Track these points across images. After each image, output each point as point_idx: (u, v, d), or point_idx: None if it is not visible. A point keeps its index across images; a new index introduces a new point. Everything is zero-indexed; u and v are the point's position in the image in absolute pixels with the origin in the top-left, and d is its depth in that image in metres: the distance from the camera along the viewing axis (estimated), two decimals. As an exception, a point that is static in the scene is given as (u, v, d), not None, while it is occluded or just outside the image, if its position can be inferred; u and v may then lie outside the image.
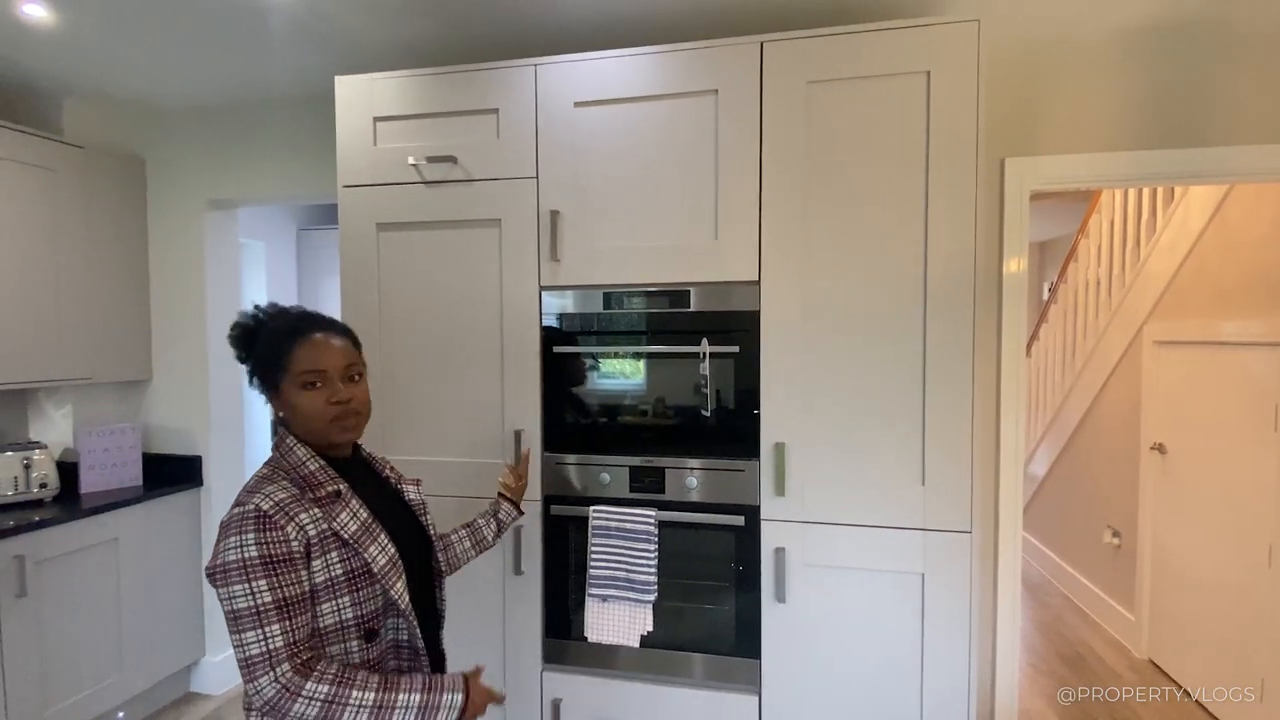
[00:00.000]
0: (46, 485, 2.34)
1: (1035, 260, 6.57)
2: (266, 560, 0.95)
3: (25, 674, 2.08)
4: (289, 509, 1.00)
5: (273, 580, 0.95)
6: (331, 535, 1.03)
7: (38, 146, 2.32)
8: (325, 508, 1.04)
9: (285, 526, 0.98)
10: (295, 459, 1.08)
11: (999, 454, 2.01)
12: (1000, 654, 2.01)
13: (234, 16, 1.89)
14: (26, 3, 1.79)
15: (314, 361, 1.09)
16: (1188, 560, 2.74)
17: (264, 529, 0.96)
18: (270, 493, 1.00)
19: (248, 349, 1.13)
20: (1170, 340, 2.88)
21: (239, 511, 0.98)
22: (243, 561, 0.95)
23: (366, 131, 1.82)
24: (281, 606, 0.95)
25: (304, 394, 1.08)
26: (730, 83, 1.59)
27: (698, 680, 1.68)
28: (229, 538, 0.97)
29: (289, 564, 0.97)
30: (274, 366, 1.09)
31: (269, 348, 1.10)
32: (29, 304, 2.30)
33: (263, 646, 0.94)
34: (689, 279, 1.64)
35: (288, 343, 1.10)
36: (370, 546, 1.06)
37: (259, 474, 1.07)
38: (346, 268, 1.85)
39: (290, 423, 1.11)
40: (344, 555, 1.04)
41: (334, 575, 1.02)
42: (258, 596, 0.94)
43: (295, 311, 1.17)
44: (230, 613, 0.95)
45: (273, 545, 0.96)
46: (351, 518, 1.06)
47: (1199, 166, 1.91)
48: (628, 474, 1.70)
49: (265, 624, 0.94)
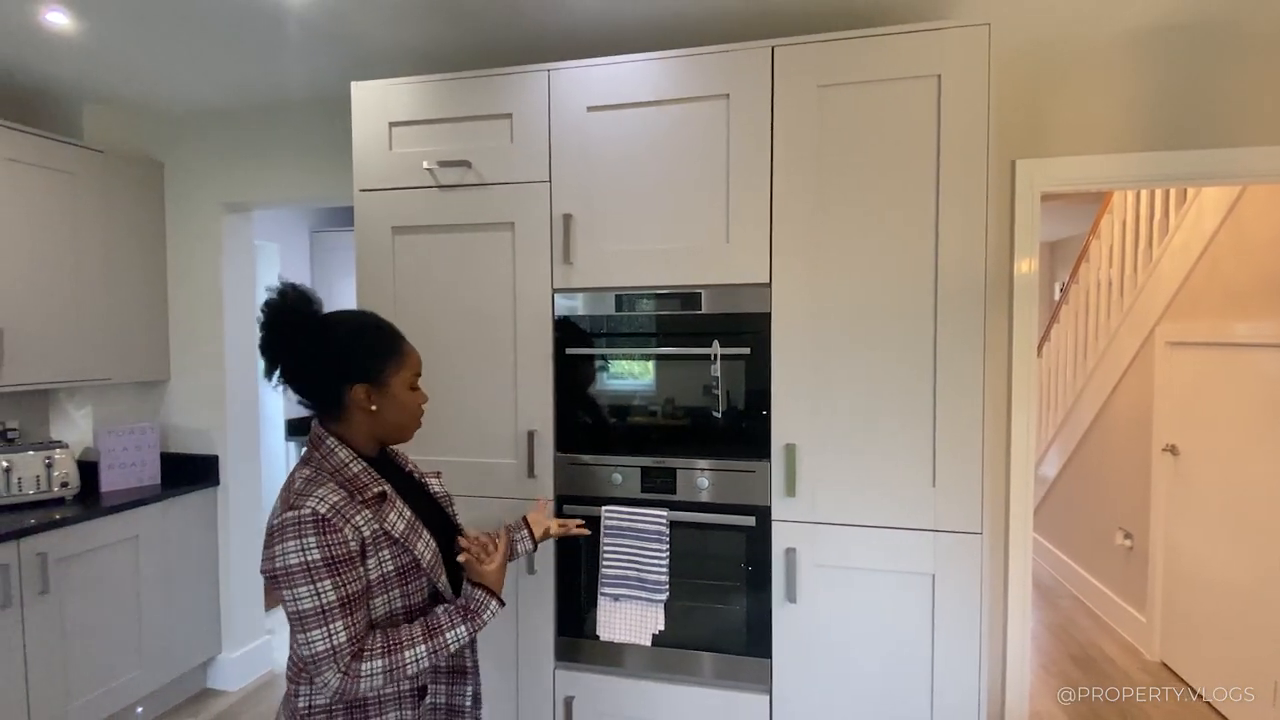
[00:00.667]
0: (68, 484, 2.38)
1: (1046, 260, 6.54)
2: (329, 562, 0.99)
3: (48, 669, 2.12)
4: (344, 511, 1.03)
5: (335, 580, 0.99)
6: (383, 534, 1.07)
7: (58, 151, 2.36)
8: (373, 509, 1.08)
9: (343, 528, 1.01)
10: (338, 461, 1.10)
11: (1009, 455, 2.01)
12: (1010, 654, 2.01)
13: (250, 23, 1.92)
14: (49, 11, 1.83)
15: (418, 366, 1.19)
16: (1200, 562, 2.73)
17: (323, 531, 0.99)
18: (323, 496, 1.02)
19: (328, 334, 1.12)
20: (1183, 341, 2.86)
21: (294, 515, 1.00)
22: (306, 564, 0.98)
23: (382, 136, 1.84)
24: (344, 604, 1.00)
25: (412, 393, 1.17)
26: (741, 87, 1.61)
27: (709, 679, 1.70)
28: (288, 541, 0.99)
29: (349, 564, 1.02)
30: (389, 357, 1.13)
31: (383, 339, 1.15)
32: (50, 305, 2.34)
33: (328, 643, 0.98)
34: (700, 281, 1.66)
35: (400, 342, 1.17)
36: (417, 543, 1.11)
37: (303, 475, 1.07)
38: (362, 270, 1.88)
39: (375, 415, 1.13)
40: (394, 552, 1.08)
41: (386, 571, 1.07)
42: (322, 596, 0.98)
43: (368, 311, 1.21)
44: (295, 613, 0.99)
45: (333, 547, 1.00)
46: (399, 517, 1.10)
47: (1210, 168, 1.90)
48: (639, 474, 1.72)
49: (330, 621, 0.98)
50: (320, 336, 1.11)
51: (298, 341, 1.11)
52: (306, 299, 1.13)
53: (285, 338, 1.11)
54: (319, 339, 1.11)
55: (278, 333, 1.10)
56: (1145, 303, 3.17)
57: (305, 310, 1.12)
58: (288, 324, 1.11)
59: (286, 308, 1.11)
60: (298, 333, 1.11)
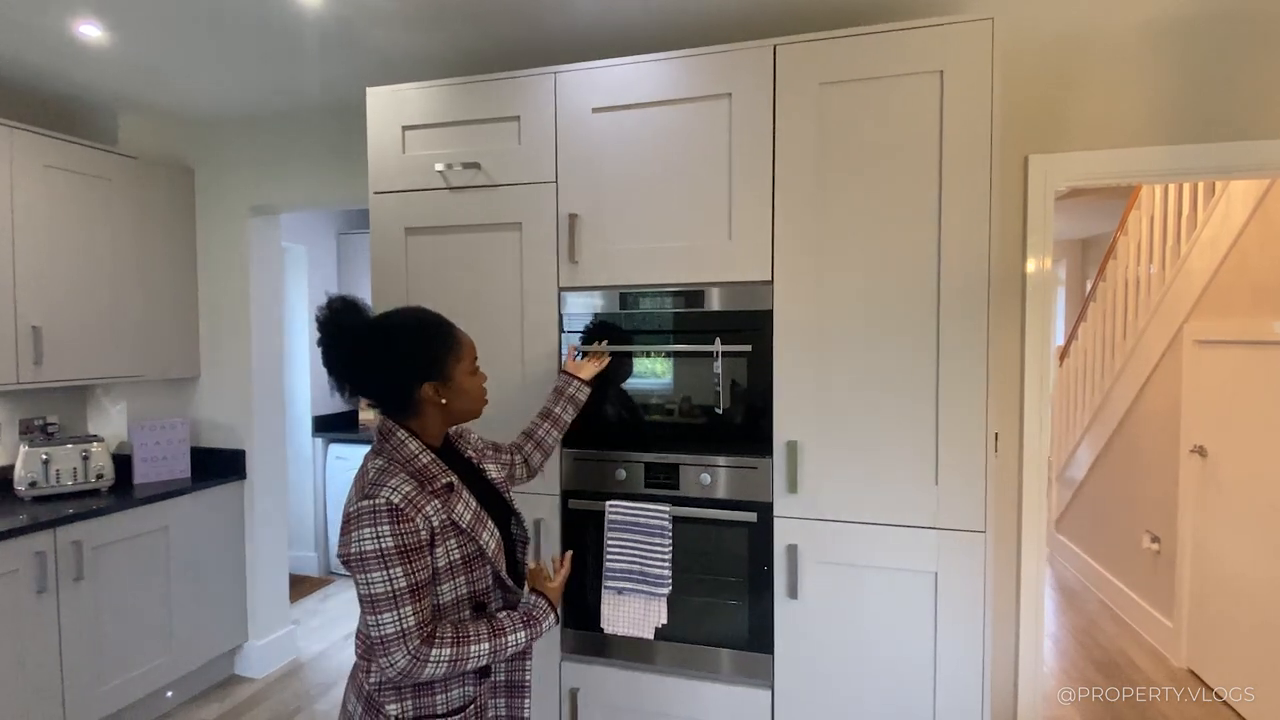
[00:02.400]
0: (103, 476, 2.49)
1: (1077, 258, 6.40)
2: (401, 550, 1.04)
3: (82, 652, 2.22)
4: (416, 501, 1.08)
5: (407, 567, 1.04)
6: (450, 524, 1.12)
7: (95, 158, 2.47)
8: (442, 499, 1.12)
9: (415, 518, 1.06)
10: (408, 452, 1.14)
11: (1022, 454, 1.99)
12: (1023, 656, 1.99)
13: (271, 33, 1.99)
14: (82, 23, 1.92)
15: (474, 350, 1.25)
16: (1229, 567, 2.65)
17: (397, 521, 1.04)
18: (396, 486, 1.07)
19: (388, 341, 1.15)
20: (1211, 340, 2.78)
21: (370, 505, 1.04)
22: (380, 551, 1.03)
23: (395, 140, 1.89)
24: (414, 590, 1.05)
25: (473, 377, 1.23)
26: (743, 86, 1.62)
27: (711, 673, 1.71)
28: (364, 529, 1.04)
29: (419, 552, 1.06)
30: (450, 351, 1.18)
31: (440, 335, 1.19)
32: (87, 306, 2.45)
33: (398, 626, 1.03)
34: (704, 279, 1.67)
35: (455, 331, 1.22)
36: (483, 533, 1.17)
37: (376, 466, 1.11)
38: (377, 270, 1.93)
39: (445, 408, 1.18)
40: (461, 541, 1.13)
41: (453, 559, 1.12)
42: (394, 582, 1.03)
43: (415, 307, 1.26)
44: (368, 596, 1.04)
45: (406, 536, 1.05)
46: (465, 508, 1.15)
47: (1235, 161, 1.86)
48: (643, 470, 1.74)
49: (400, 606, 1.03)
50: (380, 343, 1.14)
51: (359, 352, 1.13)
52: (356, 308, 1.16)
53: (345, 350, 1.13)
54: (379, 346, 1.14)
55: (337, 347, 1.13)
56: (1173, 300, 3.09)
57: (358, 320, 1.16)
58: (344, 336, 1.13)
59: (338, 321, 1.14)
60: (357, 343, 1.14)
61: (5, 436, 2.54)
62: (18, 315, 2.24)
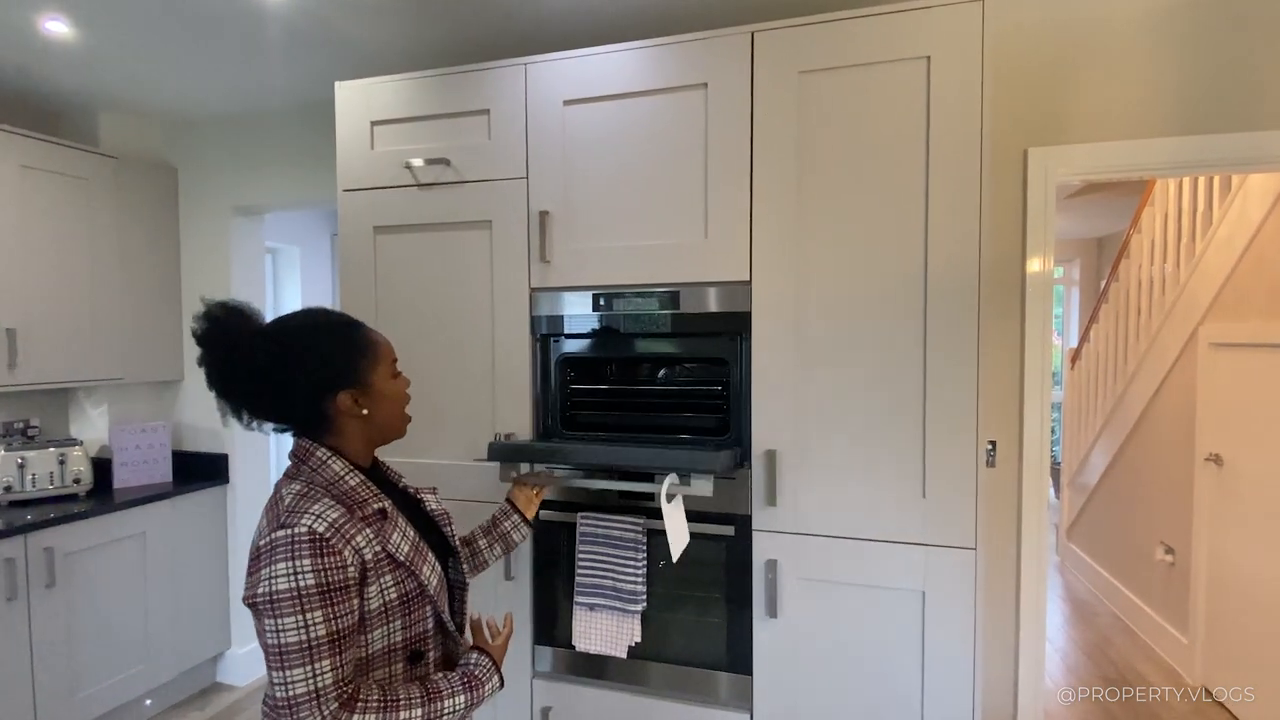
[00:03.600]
0: (80, 480, 2.45)
1: (1092, 258, 6.23)
2: (323, 589, 0.86)
3: (54, 660, 2.18)
4: (344, 530, 0.91)
5: (328, 611, 0.87)
6: (385, 558, 0.95)
7: (73, 157, 2.43)
8: (374, 527, 0.96)
9: (342, 550, 0.89)
10: (330, 473, 0.97)
11: (1022, 464, 1.88)
12: (1023, 677, 1.88)
13: (240, 27, 1.93)
14: (48, 19, 1.87)
15: (393, 351, 1.07)
16: (1246, 580, 2.52)
17: (320, 554, 0.87)
18: (320, 513, 0.90)
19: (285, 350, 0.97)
20: (1227, 342, 2.66)
21: (286, 535, 0.88)
22: (296, 591, 0.85)
23: (364, 135, 1.83)
24: (334, 640, 0.87)
25: (394, 381, 1.06)
26: (720, 76, 1.53)
27: (688, 695, 1.63)
28: (277, 564, 0.86)
29: (344, 593, 0.89)
30: (362, 354, 1.02)
31: (347, 336, 1.02)
32: (67, 308, 2.42)
33: (310, 685, 0.85)
34: (679, 279, 1.59)
35: (365, 331, 1.05)
36: (423, 567, 1.00)
37: (293, 491, 0.95)
38: (345, 270, 1.87)
39: (368, 419, 1.02)
40: (398, 578, 0.97)
41: (388, 599, 0.95)
42: (311, 630, 0.85)
43: (314, 308, 1.08)
44: (275, 646, 0.85)
45: (330, 572, 0.87)
46: (402, 538, 0.99)
47: (1250, 152, 1.75)
48: (617, 480, 1.66)
49: (316, 660, 0.86)
50: (278, 354, 0.96)
51: (253, 368, 0.95)
52: (242, 314, 0.98)
53: (235, 366, 0.95)
54: (278, 357, 0.96)
55: (225, 364, 0.95)
56: (1187, 301, 2.96)
57: (247, 328, 0.97)
58: (234, 349, 0.95)
59: (225, 330, 0.96)
60: (251, 355, 0.95)
61: (-16, 440, 2.51)
62: (-10, 317, 2.20)
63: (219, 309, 0.98)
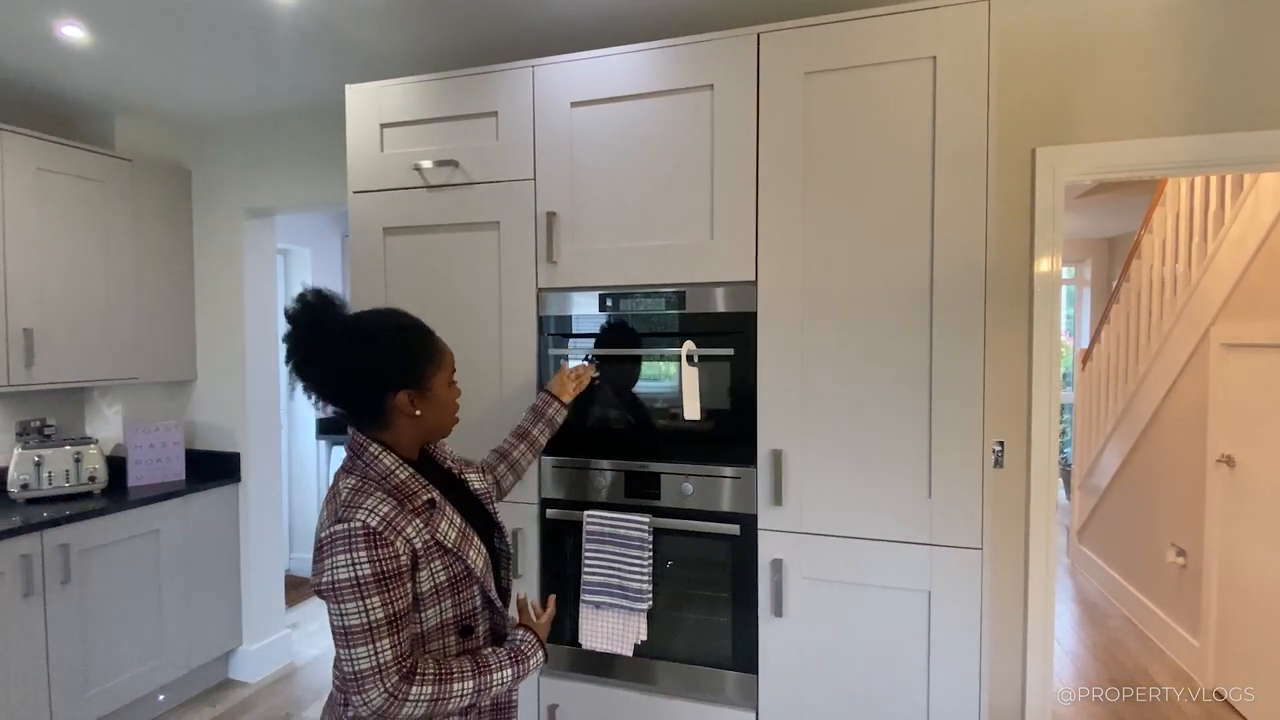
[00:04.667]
0: (95, 478, 2.48)
1: (1104, 258, 6.18)
2: (379, 577, 0.96)
3: (69, 655, 2.21)
4: (395, 523, 0.99)
5: (385, 596, 0.96)
6: (435, 545, 1.04)
7: (88, 160, 2.47)
8: (423, 517, 1.04)
9: (394, 542, 0.98)
10: (382, 468, 1.05)
11: (1030, 464, 1.88)
12: (1031, 679, 1.88)
13: (251, 32, 1.96)
14: (64, 24, 1.90)
15: (453, 361, 1.18)
16: (1259, 583, 2.50)
17: (375, 546, 0.96)
18: (373, 507, 0.99)
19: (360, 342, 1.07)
20: (1240, 343, 2.63)
21: (344, 529, 0.97)
22: (355, 580, 0.95)
23: (374, 138, 1.85)
24: (392, 621, 0.97)
25: (450, 389, 1.16)
26: (726, 77, 1.54)
27: (693, 693, 1.63)
28: (337, 555, 0.96)
29: (398, 579, 0.98)
30: (429, 360, 1.11)
31: (419, 340, 1.12)
32: (82, 308, 2.45)
33: (373, 660, 0.95)
34: (685, 280, 1.60)
35: (436, 340, 1.14)
36: (470, 551, 1.08)
37: (349, 485, 1.03)
38: (356, 271, 1.89)
39: (419, 420, 1.10)
40: (446, 562, 1.05)
41: (438, 582, 1.04)
42: (371, 613, 0.95)
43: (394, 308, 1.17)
44: (341, 628, 0.96)
45: (384, 562, 0.96)
46: (450, 526, 1.07)
47: (1261, 151, 1.75)
48: (623, 479, 1.67)
49: (376, 639, 0.95)
50: (353, 344, 1.05)
51: (329, 352, 1.04)
52: (331, 303, 1.07)
53: (314, 350, 1.04)
54: (352, 347, 1.05)
55: (306, 345, 1.04)
56: (1199, 301, 2.93)
57: (332, 316, 1.06)
58: (315, 334, 1.04)
59: (310, 316, 1.05)
60: (327, 342, 1.04)
61: (2, 438, 2.55)
62: (8, 318, 2.23)
63: (313, 294, 1.07)
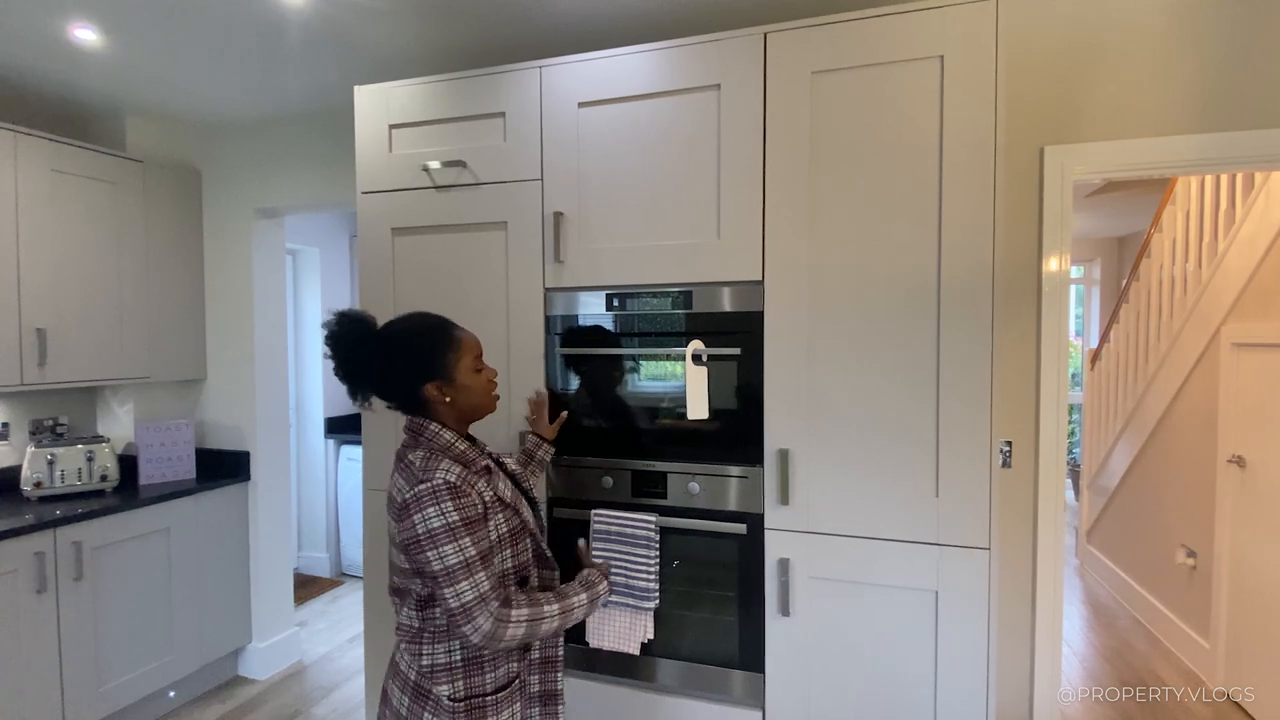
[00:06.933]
0: (107, 477, 2.51)
1: (1113, 257, 6.15)
2: (466, 522, 1.12)
3: (81, 651, 2.23)
4: (468, 480, 1.17)
5: (473, 536, 1.12)
6: (497, 500, 1.22)
7: (100, 162, 2.49)
8: (484, 479, 1.22)
9: (470, 494, 1.15)
10: (444, 441, 1.22)
11: (1038, 464, 1.87)
12: (1039, 679, 1.87)
13: (261, 33, 1.97)
14: (78, 28, 1.92)
15: (477, 347, 1.29)
16: (1269, 584, 2.48)
17: (457, 496, 1.13)
18: (448, 468, 1.15)
19: (388, 348, 1.23)
20: (1250, 342, 2.61)
21: (428, 486, 1.12)
22: (448, 525, 1.11)
23: (382, 139, 1.86)
24: (484, 556, 1.14)
25: (477, 375, 1.27)
26: (733, 77, 1.54)
27: (700, 692, 1.64)
28: (427, 509, 1.11)
29: (481, 522, 1.15)
30: (448, 352, 1.24)
31: (437, 337, 1.25)
32: (93, 308, 2.48)
33: (476, 591, 1.11)
34: (691, 279, 1.60)
35: (453, 331, 1.27)
36: (523, 508, 1.28)
37: (419, 456, 1.18)
38: (364, 271, 1.90)
39: (452, 405, 1.24)
40: (506, 516, 1.23)
41: (500, 534, 1.21)
42: (465, 552, 1.11)
43: (417, 312, 1.31)
44: (443, 570, 1.11)
45: (467, 509, 1.13)
46: (506, 487, 1.26)
47: (1272, 149, 1.74)
48: (630, 478, 1.67)
49: (474, 573, 1.11)
50: (383, 351, 1.22)
51: (365, 360, 1.22)
52: (359, 320, 1.24)
53: (353, 360, 1.22)
54: (382, 353, 1.22)
55: (345, 357, 1.22)
56: (1210, 301, 2.91)
57: (362, 330, 1.23)
58: (351, 346, 1.22)
59: (345, 331, 1.22)
60: (362, 352, 1.22)
61: (16, 437, 2.58)
62: (22, 317, 2.26)
63: (341, 315, 1.23)
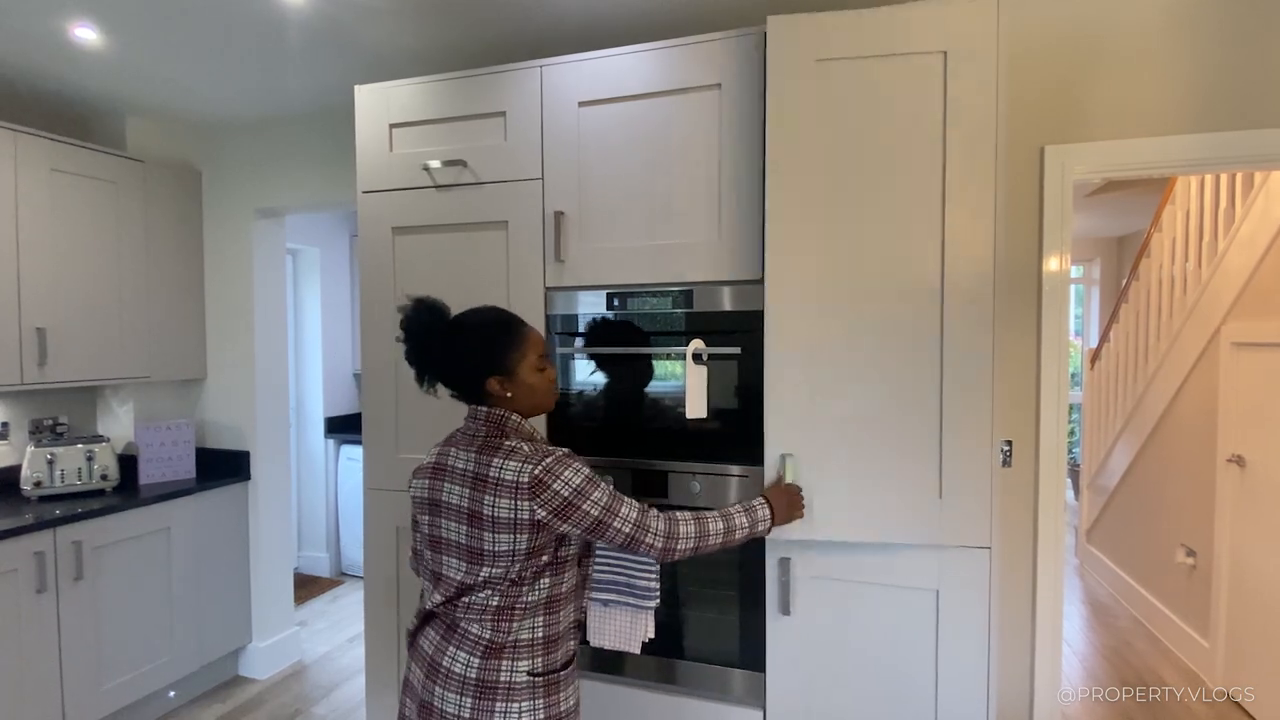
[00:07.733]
0: (107, 476, 2.51)
1: (1113, 256, 6.15)
2: (593, 473, 1.21)
3: (81, 651, 2.23)
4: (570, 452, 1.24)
5: (604, 482, 1.22)
6: None
7: (101, 161, 2.49)
8: None
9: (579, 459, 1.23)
10: (528, 430, 1.28)
11: (1039, 463, 1.87)
12: (1039, 678, 1.87)
13: (261, 33, 1.97)
14: (78, 26, 1.92)
15: (541, 345, 1.31)
16: (1269, 583, 2.48)
17: (575, 459, 1.21)
18: (551, 446, 1.23)
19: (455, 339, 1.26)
20: (1250, 342, 2.62)
21: (554, 458, 1.18)
22: (587, 477, 1.19)
23: (383, 138, 1.86)
24: (620, 493, 1.23)
25: (539, 373, 1.29)
26: (733, 75, 1.54)
27: (701, 692, 1.64)
28: (564, 471, 1.17)
29: None
30: (511, 349, 1.26)
31: (503, 333, 1.27)
32: (96, 308, 2.48)
33: (635, 511, 1.21)
34: (692, 279, 1.60)
35: (521, 329, 1.29)
36: None
37: (516, 443, 1.22)
38: (365, 271, 1.90)
39: (512, 400, 1.27)
40: None
41: None
42: (609, 489, 1.21)
43: (490, 306, 1.35)
44: (602, 509, 1.18)
45: (587, 467, 1.21)
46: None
47: (1272, 149, 1.74)
48: (631, 477, 1.67)
49: (626, 500, 1.22)
50: (452, 341, 1.25)
51: (435, 347, 1.25)
52: (433, 308, 1.26)
53: (424, 346, 1.26)
54: (451, 343, 1.25)
55: (418, 343, 1.26)
56: (1209, 300, 2.91)
57: (436, 319, 1.26)
58: (424, 334, 1.25)
59: (420, 319, 1.25)
60: (434, 340, 1.25)
61: (16, 436, 2.58)
62: (22, 317, 2.26)
63: (419, 301, 1.26)
